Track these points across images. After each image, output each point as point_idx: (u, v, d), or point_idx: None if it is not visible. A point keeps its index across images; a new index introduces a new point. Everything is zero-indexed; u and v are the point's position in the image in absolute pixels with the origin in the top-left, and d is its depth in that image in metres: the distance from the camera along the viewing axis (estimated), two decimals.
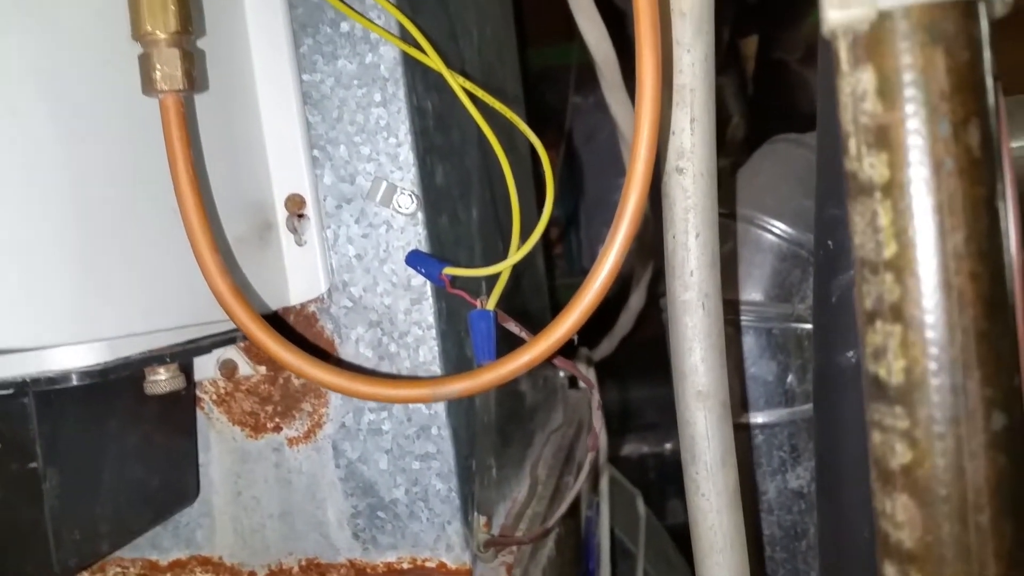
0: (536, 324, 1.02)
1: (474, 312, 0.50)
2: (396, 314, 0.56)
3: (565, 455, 0.93)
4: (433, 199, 0.58)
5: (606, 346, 1.17)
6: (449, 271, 0.52)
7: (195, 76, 0.39)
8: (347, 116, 0.56)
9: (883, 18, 0.26)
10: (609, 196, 1.94)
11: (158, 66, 0.38)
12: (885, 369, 0.26)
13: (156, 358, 0.44)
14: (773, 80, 1.81)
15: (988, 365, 0.25)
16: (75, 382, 0.39)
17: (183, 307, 0.44)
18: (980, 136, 0.25)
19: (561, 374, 1.14)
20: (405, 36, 0.54)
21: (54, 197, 0.37)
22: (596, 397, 0.58)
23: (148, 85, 0.38)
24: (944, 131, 0.25)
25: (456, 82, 0.54)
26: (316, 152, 0.56)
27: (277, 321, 0.56)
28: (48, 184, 0.36)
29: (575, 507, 0.96)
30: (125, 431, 0.47)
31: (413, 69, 0.56)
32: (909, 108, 0.25)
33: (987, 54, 0.26)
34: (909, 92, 0.25)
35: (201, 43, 0.48)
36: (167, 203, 0.41)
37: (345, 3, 0.54)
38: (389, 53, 0.55)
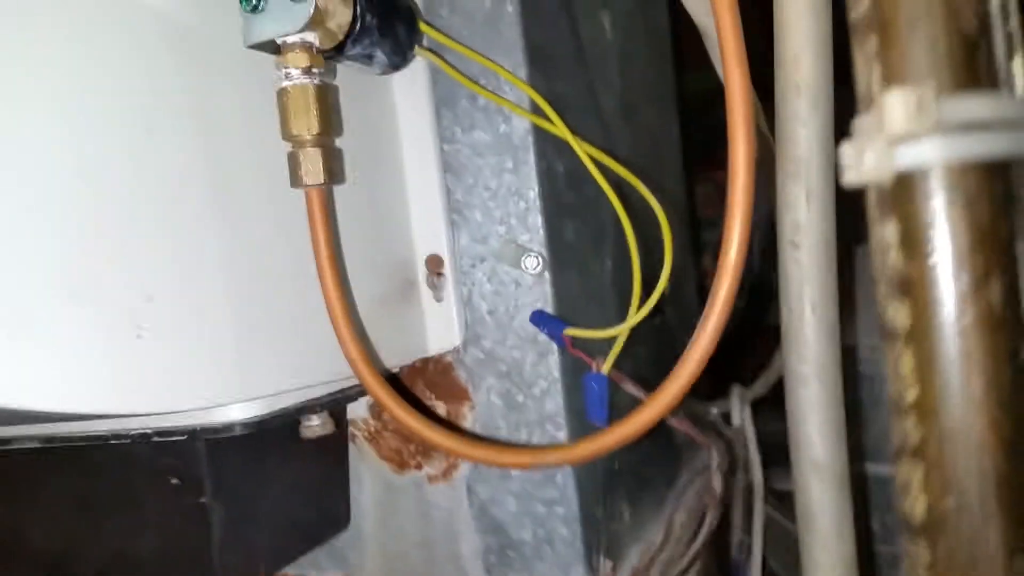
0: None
1: (588, 375, 0.53)
2: (524, 366, 0.60)
3: (715, 496, 0.93)
4: (561, 256, 0.61)
5: (760, 387, 1.14)
6: (570, 332, 0.55)
7: (336, 170, 0.45)
8: (481, 182, 0.60)
9: (904, 178, 0.26)
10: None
11: (303, 163, 0.44)
12: (910, 503, 0.26)
13: (309, 408, 0.51)
14: None
15: (1010, 510, 0.24)
16: (238, 432, 0.47)
17: (331, 365, 0.51)
18: (1001, 290, 0.25)
19: (714, 410, 1.13)
20: (535, 108, 0.58)
21: (220, 277, 0.44)
22: (715, 457, 0.58)
23: (295, 179, 0.45)
24: (964, 285, 0.25)
25: (581, 148, 0.57)
26: (454, 215, 0.61)
27: (416, 371, 0.61)
28: (215, 265, 0.43)
29: (724, 552, 0.95)
30: (282, 468, 0.54)
31: (543, 136, 0.60)
32: (930, 262, 0.25)
33: (1010, 211, 0.25)
34: (929, 247, 0.25)
35: (354, 119, 0.54)
36: (311, 280, 0.47)
37: (479, 83, 0.58)
38: (520, 124, 0.59)
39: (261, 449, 0.52)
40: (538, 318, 0.57)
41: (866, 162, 0.26)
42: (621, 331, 0.54)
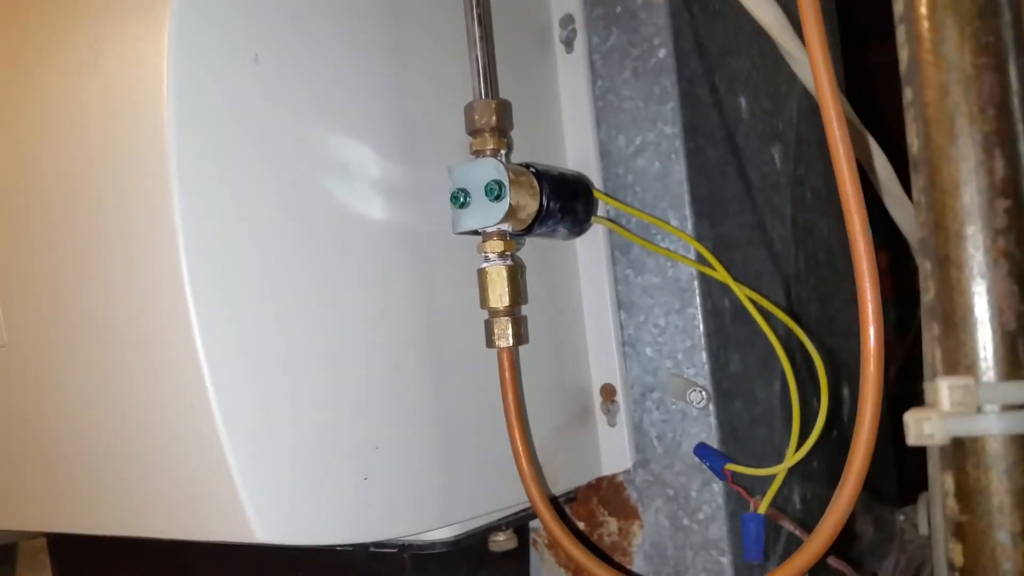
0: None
1: (746, 515, 0.57)
2: (689, 492, 0.65)
3: None
4: (726, 388, 0.66)
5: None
6: (730, 467, 0.60)
7: (522, 334, 0.54)
8: (651, 320, 0.67)
9: (957, 443, 0.30)
10: None
11: (496, 329, 0.53)
12: None
13: (496, 527, 0.59)
14: None
15: None
16: (437, 549, 0.56)
17: (514, 493, 0.59)
18: None
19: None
20: (700, 257, 0.64)
21: (431, 425, 0.53)
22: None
23: (490, 342, 0.54)
24: (1004, 539, 0.28)
25: (742, 293, 0.62)
26: (626, 348, 0.68)
27: (592, 489, 0.68)
28: (427, 417, 0.53)
29: None
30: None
31: (709, 278, 0.66)
32: (977, 514, 0.29)
33: None
34: (976, 502, 0.29)
35: (541, 268, 0.62)
36: (501, 422, 0.55)
37: (647, 240, 0.65)
38: (687, 269, 0.65)
39: (456, 562, 0.60)
40: (701, 451, 0.62)
41: (924, 429, 0.31)
42: (780, 470, 0.58)
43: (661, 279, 0.66)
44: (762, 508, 0.57)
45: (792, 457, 0.58)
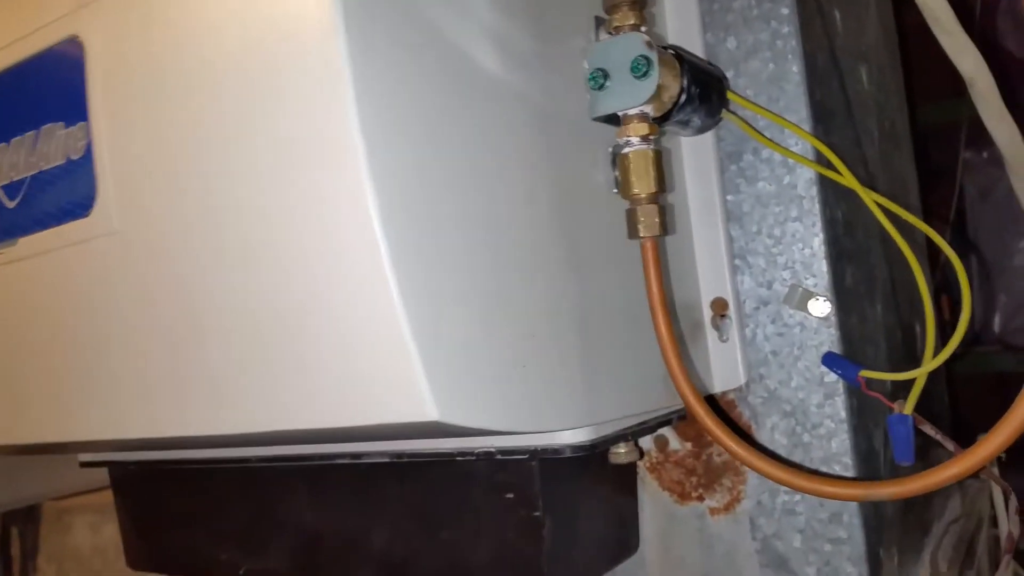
0: (933, 402, 0.99)
1: (893, 416, 0.54)
2: (809, 407, 0.62)
3: (966, 548, 0.89)
4: (844, 301, 0.64)
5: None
6: (866, 374, 0.57)
7: (668, 223, 0.51)
8: (765, 230, 0.64)
9: None
10: (1008, 260, 1.76)
11: (641, 218, 0.50)
12: None
13: (621, 436, 0.56)
14: None
15: None
16: (568, 454, 0.52)
17: (644, 398, 0.56)
18: None
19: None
20: (821, 159, 0.61)
21: (576, 320, 0.50)
22: (1015, 502, 0.58)
23: (632, 232, 0.51)
24: None
25: (869, 198, 0.60)
26: (737, 261, 0.65)
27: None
28: (572, 311, 0.50)
29: None
30: (593, 491, 0.59)
31: (825, 185, 0.63)
32: None
33: None
34: None
35: None
36: (639, 317, 0.52)
37: (765, 135, 0.62)
38: (805, 174, 0.62)
39: (580, 472, 0.57)
40: (830, 360, 0.60)
41: None
42: (921, 373, 0.55)
43: (776, 187, 0.63)
44: (908, 408, 0.54)
45: (931, 361, 0.56)
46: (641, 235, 0.50)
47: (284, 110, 0.40)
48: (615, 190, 0.53)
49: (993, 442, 0.44)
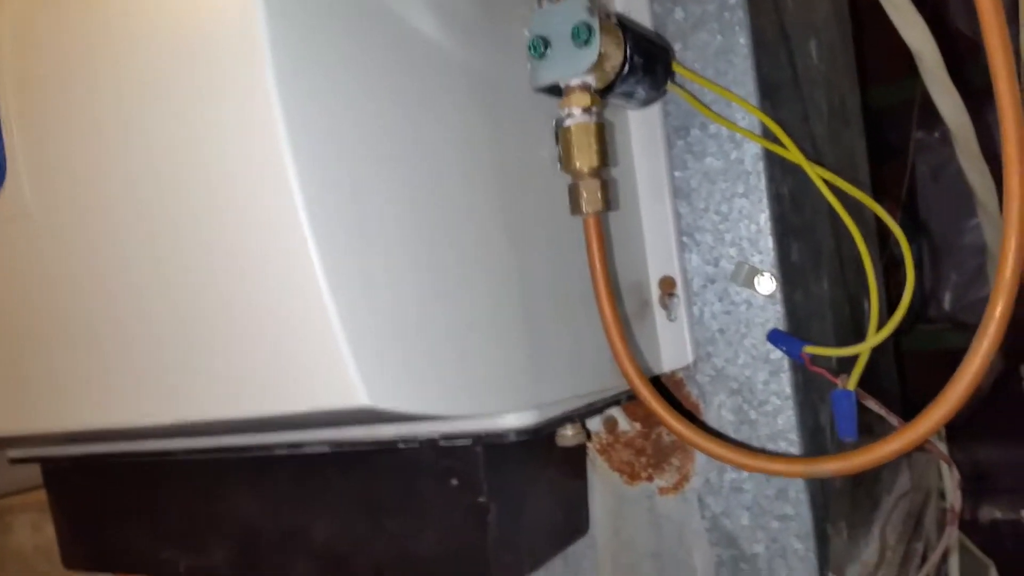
0: (882, 377, 1.00)
1: (836, 392, 0.54)
2: (755, 384, 0.62)
3: (914, 522, 0.91)
4: (789, 277, 0.63)
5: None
6: (810, 350, 0.57)
7: (611, 199, 0.49)
8: (712, 207, 0.63)
9: None
10: (958, 238, 1.79)
11: (584, 193, 0.48)
12: None
13: (568, 418, 0.55)
14: None
15: None
16: (513, 439, 0.51)
17: (591, 379, 0.55)
18: None
19: None
20: (767, 134, 0.60)
21: (518, 299, 0.49)
22: (957, 475, 0.58)
23: (575, 208, 0.49)
24: None
25: (814, 172, 0.59)
26: (685, 239, 0.64)
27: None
28: (509, 288, 0.48)
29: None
30: (540, 474, 0.58)
31: (772, 160, 0.62)
32: None
33: None
34: None
35: None
36: (583, 296, 0.51)
37: (712, 109, 0.61)
38: (752, 149, 0.61)
39: (526, 456, 0.56)
40: (775, 336, 0.59)
41: None
42: (864, 349, 0.55)
43: (723, 162, 0.63)
44: (851, 384, 0.54)
45: (874, 336, 0.55)
46: (584, 211, 0.49)
47: (200, 79, 0.38)
48: (559, 165, 0.52)
49: (934, 416, 0.43)
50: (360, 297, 0.38)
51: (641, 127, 0.63)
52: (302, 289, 0.37)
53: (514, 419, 0.51)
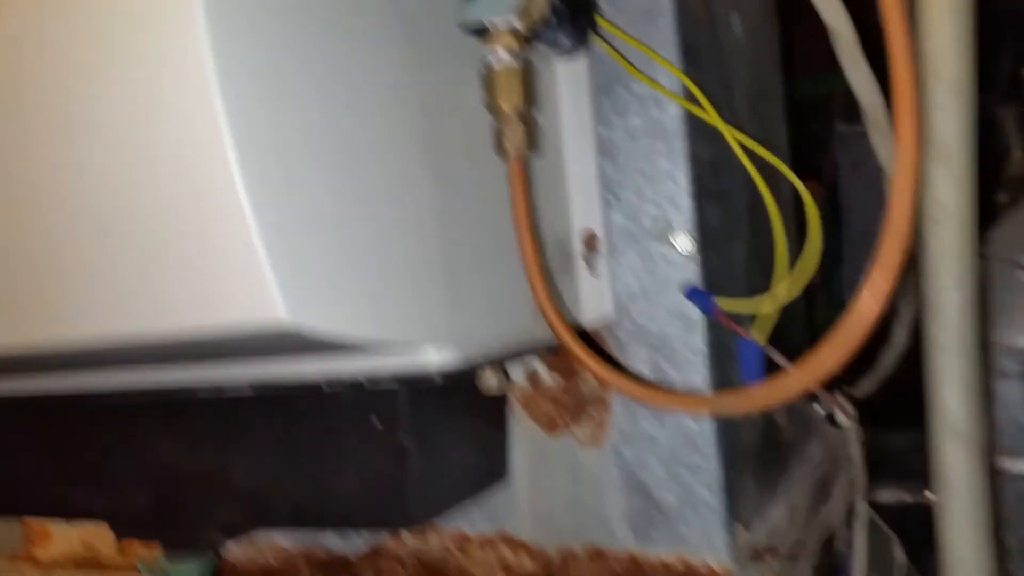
0: (795, 355, 1.04)
1: (743, 342, 0.56)
2: (672, 340, 0.64)
3: (823, 490, 0.95)
4: (707, 238, 0.65)
5: (867, 385, 1.16)
6: (721, 303, 0.59)
7: (535, 141, 0.50)
8: (635, 165, 0.65)
9: None
10: (875, 228, 1.86)
11: (507, 135, 0.49)
12: None
13: (490, 363, 0.56)
14: None
15: None
16: (437, 381, 0.52)
17: (514, 324, 0.56)
18: None
19: (818, 407, 1.15)
20: (688, 95, 0.62)
21: (434, 233, 0.49)
22: (857, 430, 0.61)
23: (499, 149, 0.50)
24: None
25: (730, 134, 0.61)
26: (608, 195, 0.65)
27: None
28: (431, 222, 0.49)
29: (830, 542, 0.97)
30: (461, 418, 0.59)
31: (693, 123, 0.64)
32: None
33: None
34: None
35: None
36: (507, 240, 0.52)
37: (637, 68, 0.63)
38: (673, 110, 0.63)
39: (449, 401, 0.57)
40: (690, 292, 0.61)
41: None
42: (773, 308, 0.58)
43: (645, 121, 0.64)
44: (757, 335, 0.56)
45: (786, 294, 0.58)
46: (507, 152, 0.50)
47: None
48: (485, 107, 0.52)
49: (828, 355, 0.46)
50: (280, 211, 0.38)
51: (568, 84, 0.65)
52: (222, 200, 0.37)
53: (437, 358, 0.51)
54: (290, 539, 0.77)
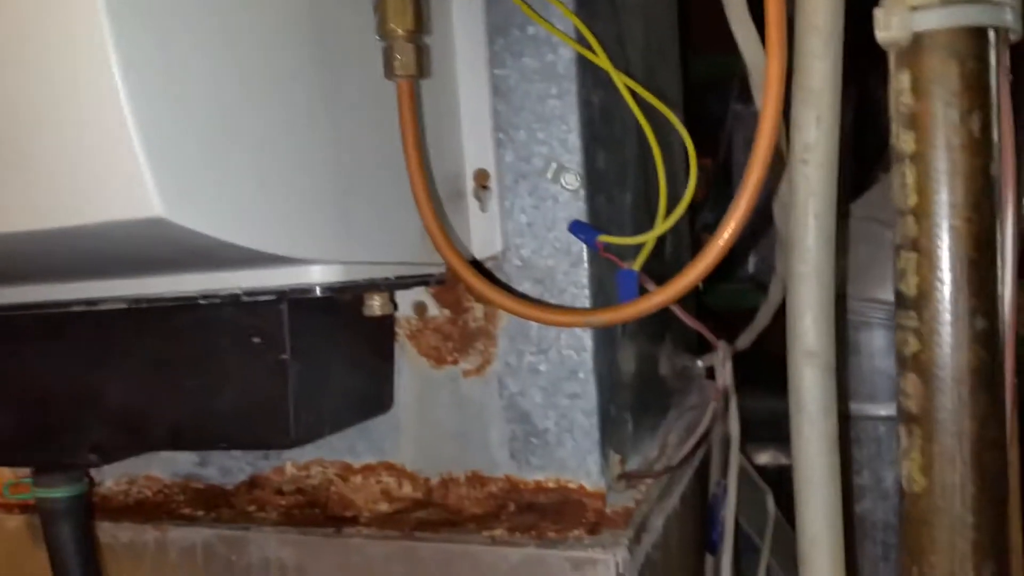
0: (684, 332, 1.09)
1: (621, 271, 0.60)
2: (557, 274, 0.67)
3: (698, 433, 1.00)
4: (594, 180, 0.68)
5: (745, 339, 1.22)
6: (603, 239, 0.62)
7: (425, 65, 0.52)
8: (528, 106, 0.67)
9: (917, 37, 0.34)
10: (766, 205, 1.95)
11: (397, 56, 0.50)
12: (905, 285, 0.35)
13: (375, 286, 0.57)
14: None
15: (974, 284, 0.33)
16: (318, 294, 0.52)
17: (401, 247, 0.57)
18: (980, 123, 0.33)
19: (699, 363, 1.21)
20: (581, 39, 0.65)
21: (323, 149, 0.50)
22: (720, 355, 0.65)
23: (388, 71, 0.51)
24: (953, 118, 0.33)
25: (620, 79, 0.64)
26: (500, 135, 0.67)
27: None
28: (319, 137, 0.49)
29: (703, 479, 1.03)
30: (345, 342, 0.60)
31: (585, 68, 0.67)
32: (930, 101, 0.34)
33: (993, 64, 0.34)
34: (930, 89, 0.34)
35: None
36: (398, 162, 0.53)
37: (532, 9, 0.65)
38: (566, 54, 0.66)
39: (332, 320, 0.58)
40: (575, 227, 0.64)
41: (892, 25, 0.34)
42: (649, 238, 0.61)
43: (539, 63, 0.66)
44: (636, 265, 0.59)
45: (661, 225, 0.61)
46: (397, 74, 0.51)
47: None
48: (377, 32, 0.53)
49: (686, 275, 0.49)
50: (159, 104, 0.38)
51: (463, 23, 0.66)
52: (100, 93, 0.36)
53: (319, 274, 0.52)
54: (166, 471, 0.76)
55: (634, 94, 0.65)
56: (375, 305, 0.58)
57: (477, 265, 0.68)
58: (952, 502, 0.38)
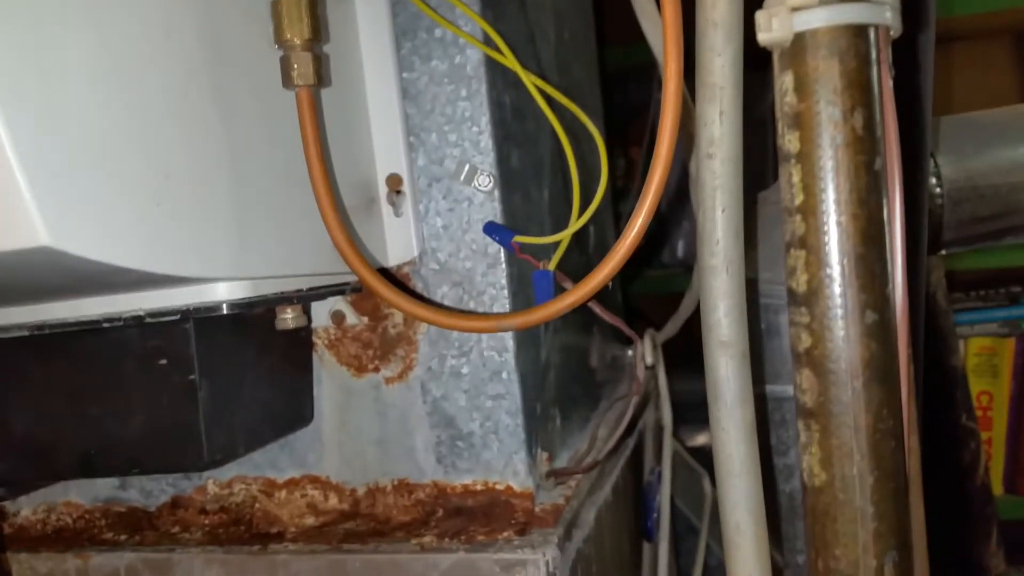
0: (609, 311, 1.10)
1: (537, 272, 0.60)
2: (475, 276, 0.66)
3: (628, 423, 1.02)
4: (508, 180, 0.68)
5: (671, 327, 1.24)
6: (518, 239, 0.62)
7: (323, 74, 0.50)
8: (438, 108, 0.66)
9: (798, 37, 0.35)
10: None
11: (295, 66, 0.49)
12: (795, 282, 0.35)
13: (286, 299, 0.56)
14: None
15: (863, 278, 0.34)
16: (225, 311, 0.51)
17: (310, 259, 0.56)
18: (863, 120, 0.34)
19: (630, 353, 1.23)
20: (488, 41, 0.64)
21: (219, 165, 0.48)
22: (639, 350, 0.66)
23: (287, 80, 0.50)
24: (836, 116, 0.34)
25: (528, 79, 0.64)
26: (412, 138, 0.67)
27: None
28: (218, 156, 0.48)
29: (638, 467, 1.04)
30: (259, 358, 0.58)
31: (494, 69, 0.66)
32: (813, 100, 0.34)
33: (874, 62, 0.35)
34: (813, 89, 0.34)
35: (324, 48, 0.59)
36: (302, 174, 0.52)
37: (438, 13, 0.64)
38: (474, 55, 0.65)
39: (242, 335, 0.56)
40: (490, 228, 0.64)
41: (773, 26, 0.35)
42: (564, 236, 0.61)
43: (448, 65, 0.66)
44: (552, 265, 0.60)
45: (575, 223, 0.62)
46: (295, 83, 0.50)
47: None
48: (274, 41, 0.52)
49: (599, 272, 0.50)
50: (39, 130, 0.36)
51: (368, 27, 0.65)
52: None
53: (225, 291, 0.51)
54: (86, 496, 0.74)
55: (545, 93, 0.65)
56: (288, 318, 0.57)
57: (390, 272, 0.67)
58: (852, 494, 0.39)
